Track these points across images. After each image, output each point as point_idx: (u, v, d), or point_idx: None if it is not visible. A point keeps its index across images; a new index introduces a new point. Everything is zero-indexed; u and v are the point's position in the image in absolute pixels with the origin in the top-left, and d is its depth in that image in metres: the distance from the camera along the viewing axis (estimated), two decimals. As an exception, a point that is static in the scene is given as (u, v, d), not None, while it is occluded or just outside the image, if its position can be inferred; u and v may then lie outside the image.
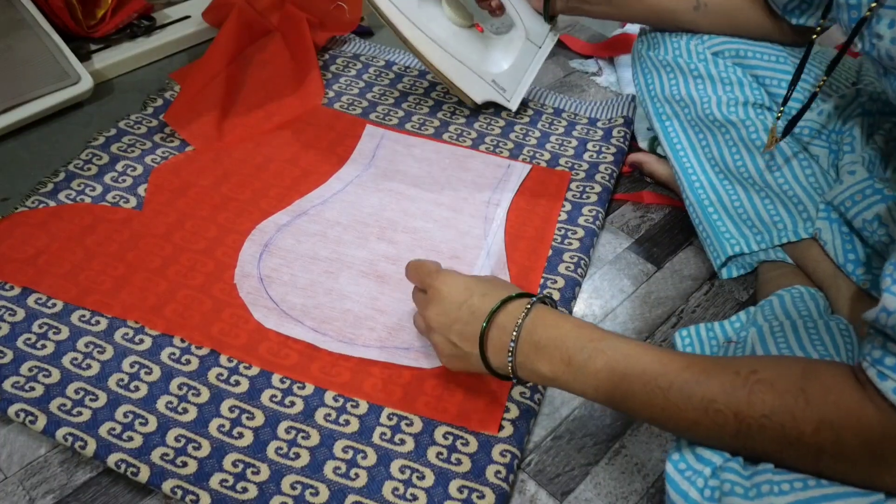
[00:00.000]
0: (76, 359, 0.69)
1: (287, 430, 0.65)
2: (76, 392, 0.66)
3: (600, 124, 1.02)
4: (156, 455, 0.62)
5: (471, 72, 0.96)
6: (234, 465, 0.62)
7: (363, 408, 0.67)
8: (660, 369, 0.50)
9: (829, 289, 0.73)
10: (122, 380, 0.67)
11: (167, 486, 0.60)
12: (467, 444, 0.65)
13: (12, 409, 0.64)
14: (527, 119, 1.02)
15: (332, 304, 0.76)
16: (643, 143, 0.99)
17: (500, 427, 0.66)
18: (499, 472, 0.63)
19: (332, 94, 1.05)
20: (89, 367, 0.68)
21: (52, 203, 0.84)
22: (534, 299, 0.59)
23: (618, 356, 0.53)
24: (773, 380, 0.47)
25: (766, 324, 0.66)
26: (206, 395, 0.67)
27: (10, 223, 0.81)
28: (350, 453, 0.64)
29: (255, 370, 0.69)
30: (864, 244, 0.71)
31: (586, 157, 0.96)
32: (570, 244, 0.84)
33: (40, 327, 0.71)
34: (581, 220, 0.87)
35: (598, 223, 0.87)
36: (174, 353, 0.70)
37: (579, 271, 0.81)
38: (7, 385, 0.66)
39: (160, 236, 0.81)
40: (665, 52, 0.82)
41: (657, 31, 0.84)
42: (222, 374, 0.69)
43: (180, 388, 0.67)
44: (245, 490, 0.60)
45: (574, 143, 0.99)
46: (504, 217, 0.87)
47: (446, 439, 0.65)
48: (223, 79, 1.00)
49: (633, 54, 0.88)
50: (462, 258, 0.82)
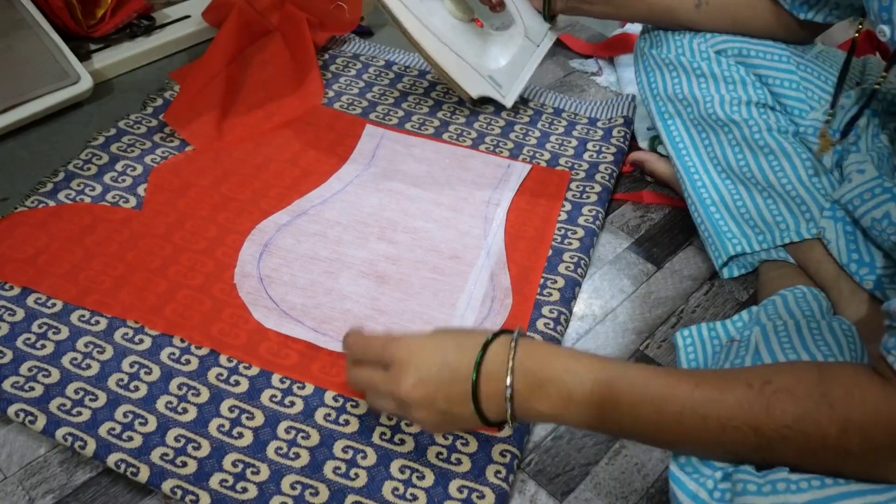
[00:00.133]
0: (76, 359, 0.69)
1: (287, 430, 0.65)
2: (76, 392, 0.66)
3: (600, 124, 1.02)
4: (155, 455, 0.62)
5: (468, 66, 0.96)
6: (234, 465, 0.62)
7: (363, 408, 0.67)
8: (669, 393, 0.48)
9: (831, 290, 0.73)
10: (122, 380, 0.67)
11: (167, 486, 0.60)
12: (467, 443, 0.64)
13: (12, 409, 0.64)
14: (527, 119, 1.02)
15: (332, 304, 0.76)
16: (643, 143, 0.99)
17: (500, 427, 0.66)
18: (499, 472, 0.63)
19: (331, 93, 1.05)
20: (89, 367, 0.68)
21: (51, 203, 0.84)
22: (514, 336, 0.53)
23: (621, 385, 0.49)
24: (791, 388, 0.45)
25: (770, 323, 0.66)
26: (205, 395, 0.67)
27: (9, 223, 0.81)
28: (350, 453, 0.63)
29: (254, 370, 0.69)
30: (868, 245, 0.71)
31: (586, 156, 0.96)
32: (570, 244, 0.84)
33: (40, 327, 0.71)
34: (581, 220, 0.87)
35: (598, 223, 0.87)
36: (174, 353, 0.70)
37: (579, 271, 0.81)
38: (7, 385, 0.66)
39: (160, 236, 0.81)
40: (668, 50, 0.82)
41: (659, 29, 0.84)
42: (222, 374, 0.69)
43: (180, 388, 0.67)
44: (245, 490, 0.60)
45: (574, 142, 0.99)
46: (504, 217, 0.87)
47: (446, 439, 0.65)
48: (223, 79, 0.99)
49: (636, 52, 0.88)
50: (462, 258, 0.81)
